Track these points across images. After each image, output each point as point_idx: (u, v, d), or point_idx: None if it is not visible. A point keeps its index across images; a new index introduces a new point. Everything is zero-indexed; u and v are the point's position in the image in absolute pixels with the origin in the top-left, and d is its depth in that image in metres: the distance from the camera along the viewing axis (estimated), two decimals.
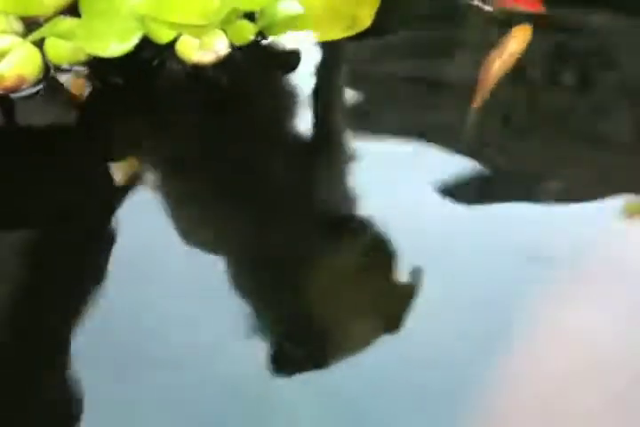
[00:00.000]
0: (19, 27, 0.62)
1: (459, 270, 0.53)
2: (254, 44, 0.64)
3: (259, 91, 0.64)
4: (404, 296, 0.51)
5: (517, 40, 0.66)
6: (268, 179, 0.59)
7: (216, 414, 0.46)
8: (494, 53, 0.65)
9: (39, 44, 0.61)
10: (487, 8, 0.69)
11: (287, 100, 0.65)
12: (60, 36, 0.58)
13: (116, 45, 0.59)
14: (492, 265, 0.53)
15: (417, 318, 0.50)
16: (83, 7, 0.60)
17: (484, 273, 0.53)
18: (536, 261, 0.53)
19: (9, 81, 0.60)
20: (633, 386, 0.48)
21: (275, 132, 0.63)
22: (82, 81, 0.63)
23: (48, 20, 0.63)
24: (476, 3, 0.69)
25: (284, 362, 0.48)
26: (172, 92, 0.63)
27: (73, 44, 0.60)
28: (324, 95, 0.65)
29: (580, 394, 0.48)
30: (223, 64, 0.63)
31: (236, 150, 0.60)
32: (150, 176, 0.60)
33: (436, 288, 0.51)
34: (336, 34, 0.65)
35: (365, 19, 0.66)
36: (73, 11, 0.62)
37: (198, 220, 0.57)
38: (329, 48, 0.66)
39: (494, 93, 0.63)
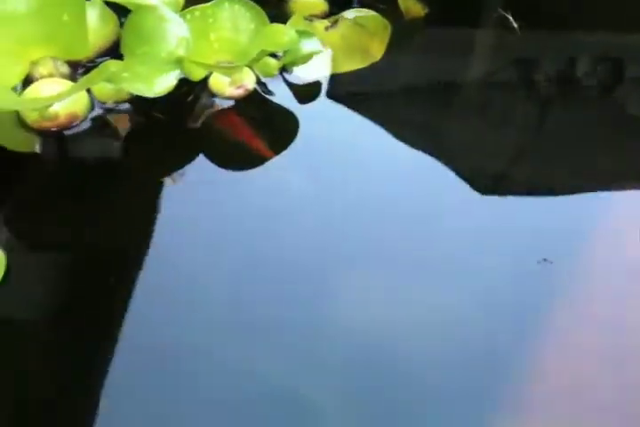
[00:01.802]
0: (66, 69, 0.69)
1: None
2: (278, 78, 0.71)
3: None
4: None
5: None
6: None
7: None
8: None
9: None
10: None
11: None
12: (108, 80, 0.64)
13: (159, 85, 0.66)
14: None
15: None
16: (125, 51, 0.67)
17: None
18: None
19: (62, 118, 0.67)
20: None
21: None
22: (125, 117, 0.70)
23: (90, 61, 0.70)
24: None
25: None
26: (207, 124, 0.70)
27: (119, 86, 0.66)
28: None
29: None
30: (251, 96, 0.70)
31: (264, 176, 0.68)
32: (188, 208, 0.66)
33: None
34: (350, 66, 0.72)
35: (377, 51, 0.73)
36: (112, 52, 0.70)
37: None
38: (344, 79, 0.73)
39: None
